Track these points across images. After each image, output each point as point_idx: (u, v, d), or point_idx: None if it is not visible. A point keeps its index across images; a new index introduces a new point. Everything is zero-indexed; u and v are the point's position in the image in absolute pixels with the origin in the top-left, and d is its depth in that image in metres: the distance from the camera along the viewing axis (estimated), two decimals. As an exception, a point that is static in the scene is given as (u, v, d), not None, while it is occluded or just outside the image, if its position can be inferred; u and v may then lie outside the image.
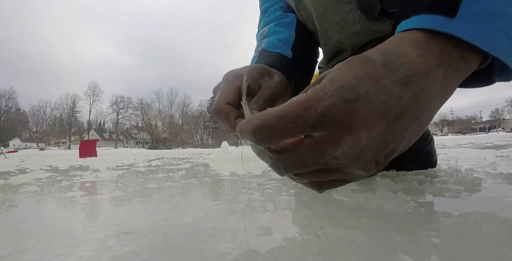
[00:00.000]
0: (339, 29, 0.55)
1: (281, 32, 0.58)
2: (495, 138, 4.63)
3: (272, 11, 0.64)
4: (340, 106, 0.20)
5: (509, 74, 0.25)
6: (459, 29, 0.21)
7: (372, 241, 0.25)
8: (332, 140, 0.21)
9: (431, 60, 0.21)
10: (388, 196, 0.39)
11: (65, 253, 0.25)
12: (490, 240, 0.24)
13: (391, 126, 0.20)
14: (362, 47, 0.54)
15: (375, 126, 0.20)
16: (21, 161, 2.12)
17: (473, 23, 0.21)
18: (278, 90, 0.38)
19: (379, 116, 0.20)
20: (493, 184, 0.49)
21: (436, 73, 0.21)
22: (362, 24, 0.53)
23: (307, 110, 0.20)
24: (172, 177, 0.81)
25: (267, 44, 0.55)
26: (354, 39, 0.54)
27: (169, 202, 0.47)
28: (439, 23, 0.22)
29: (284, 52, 0.53)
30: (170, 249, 0.25)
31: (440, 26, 0.21)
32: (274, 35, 0.58)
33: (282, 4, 0.64)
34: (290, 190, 0.51)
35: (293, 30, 0.58)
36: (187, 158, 2.02)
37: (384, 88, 0.20)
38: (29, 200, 0.53)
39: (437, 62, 0.21)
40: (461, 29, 0.21)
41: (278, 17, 0.62)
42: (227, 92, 0.34)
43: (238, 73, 0.37)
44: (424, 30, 0.22)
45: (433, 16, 0.22)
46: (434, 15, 0.22)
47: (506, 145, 1.92)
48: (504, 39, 0.22)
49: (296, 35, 0.57)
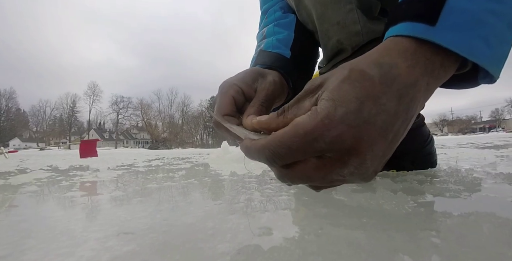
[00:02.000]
0: (339, 29, 0.55)
1: (280, 32, 0.58)
2: (495, 138, 4.63)
3: (272, 12, 0.64)
4: (346, 133, 0.21)
5: (492, 77, 0.27)
6: (439, 37, 0.23)
7: (372, 241, 0.25)
8: (339, 162, 0.22)
9: (417, 70, 0.23)
10: (388, 196, 0.39)
11: (65, 253, 0.25)
12: (490, 240, 0.24)
13: (391, 142, 0.23)
14: (362, 47, 0.54)
15: (378, 144, 0.22)
16: (21, 161, 2.12)
17: (453, 30, 0.23)
18: (273, 90, 0.38)
19: (381, 135, 0.22)
20: (493, 184, 0.49)
21: (421, 82, 0.23)
22: (362, 24, 0.53)
23: (316, 140, 0.21)
24: (172, 177, 0.81)
25: (266, 45, 0.55)
26: (354, 39, 0.54)
27: (169, 202, 0.47)
28: (421, 31, 0.23)
29: (283, 52, 0.53)
30: (170, 249, 0.25)
31: (422, 33, 0.23)
32: (273, 35, 0.58)
33: (282, 5, 0.64)
34: (290, 190, 0.51)
35: (292, 31, 0.58)
36: (187, 158, 2.02)
37: (383, 107, 0.21)
38: (29, 200, 0.53)
39: (422, 71, 0.23)
40: (441, 36, 0.23)
41: (278, 17, 0.62)
42: (223, 103, 0.35)
43: (231, 82, 0.37)
44: (410, 37, 0.24)
45: (416, 24, 0.24)
46: (417, 23, 0.24)
47: (506, 145, 1.92)
48: (483, 46, 0.24)
49: (295, 35, 0.57)
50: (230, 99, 0.35)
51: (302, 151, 0.22)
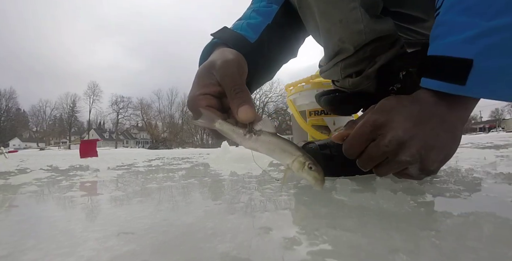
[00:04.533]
0: (341, 27, 0.54)
1: (255, 18, 0.58)
2: (495, 138, 4.63)
3: (259, 0, 0.63)
4: (379, 120, 0.39)
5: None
6: (466, 92, 0.34)
7: (372, 241, 0.25)
8: (382, 140, 0.38)
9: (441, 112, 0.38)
10: (388, 196, 0.39)
11: (65, 253, 0.25)
12: (490, 240, 0.24)
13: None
14: (363, 46, 0.54)
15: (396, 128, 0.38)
16: (21, 161, 2.12)
17: (477, 87, 0.34)
18: (232, 72, 0.39)
19: (404, 120, 0.38)
20: (493, 184, 0.49)
21: (445, 117, 0.37)
22: (365, 23, 0.52)
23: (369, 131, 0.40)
24: (172, 177, 0.81)
25: (235, 26, 0.55)
26: (356, 38, 0.53)
27: (169, 202, 0.47)
28: (454, 89, 0.35)
29: (248, 36, 0.53)
30: (170, 249, 0.25)
31: (454, 90, 0.35)
32: (246, 19, 0.57)
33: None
34: (290, 190, 0.51)
35: (268, 19, 0.58)
36: (187, 158, 2.02)
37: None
38: (29, 200, 0.53)
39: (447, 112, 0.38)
40: (467, 92, 0.34)
41: (261, 6, 0.61)
42: (208, 114, 0.38)
43: (195, 97, 0.39)
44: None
45: (448, 85, 0.35)
46: (449, 84, 0.35)
47: (506, 145, 1.92)
48: (505, 90, 0.34)
49: (270, 24, 0.57)
50: (208, 110, 0.38)
51: (364, 138, 0.39)
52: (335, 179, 0.51)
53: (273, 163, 1.02)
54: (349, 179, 0.50)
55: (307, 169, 0.34)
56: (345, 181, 0.49)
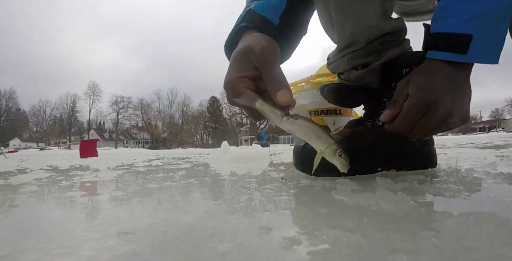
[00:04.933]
0: (356, 21, 0.56)
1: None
2: (495, 138, 4.63)
3: None
4: (426, 97, 0.47)
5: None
6: (467, 59, 0.45)
7: (372, 241, 0.25)
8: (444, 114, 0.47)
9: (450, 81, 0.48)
10: (388, 196, 0.39)
11: (65, 253, 0.25)
12: (490, 240, 0.24)
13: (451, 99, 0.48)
14: (374, 40, 0.57)
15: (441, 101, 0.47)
16: (21, 161, 2.12)
17: (475, 56, 0.45)
18: (267, 57, 0.41)
19: (444, 95, 0.47)
20: (493, 184, 0.49)
21: (461, 79, 0.49)
22: (378, 18, 0.55)
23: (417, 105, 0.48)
24: (172, 177, 0.81)
25: (256, 6, 0.55)
26: (369, 33, 0.56)
27: (169, 202, 0.47)
28: (457, 57, 0.45)
29: (271, 18, 0.53)
30: (170, 249, 0.25)
31: (457, 58, 0.45)
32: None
33: None
34: (290, 190, 0.51)
35: (285, 0, 0.57)
36: (187, 158, 2.02)
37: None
38: (29, 200, 0.53)
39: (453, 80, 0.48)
40: (468, 59, 0.45)
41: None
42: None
43: (232, 79, 0.42)
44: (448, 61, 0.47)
45: (453, 55, 0.45)
46: (454, 54, 0.45)
47: (506, 145, 1.92)
48: (493, 56, 0.45)
49: (287, 5, 0.56)
50: (246, 90, 0.40)
51: (418, 114, 0.47)
52: (335, 179, 0.51)
53: (273, 163, 1.02)
54: (349, 179, 0.50)
55: (338, 156, 0.40)
56: (345, 181, 0.49)
